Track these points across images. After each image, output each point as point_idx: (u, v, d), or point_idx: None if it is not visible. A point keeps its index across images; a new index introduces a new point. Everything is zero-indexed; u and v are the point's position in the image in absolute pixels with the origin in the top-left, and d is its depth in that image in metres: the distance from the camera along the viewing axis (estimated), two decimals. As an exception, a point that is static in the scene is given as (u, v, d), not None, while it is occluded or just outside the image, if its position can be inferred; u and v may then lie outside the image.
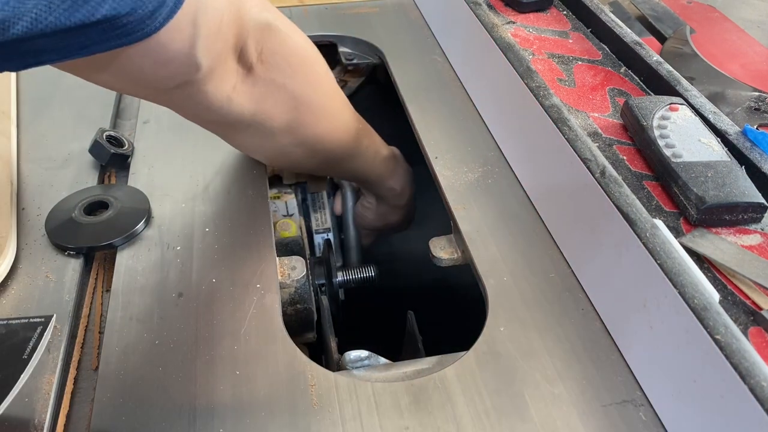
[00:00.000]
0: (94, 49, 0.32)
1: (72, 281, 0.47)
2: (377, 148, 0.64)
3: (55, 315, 0.44)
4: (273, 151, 0.55)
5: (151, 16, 0.32)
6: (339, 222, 0.79)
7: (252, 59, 0.45)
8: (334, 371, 0.42)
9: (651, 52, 0.61)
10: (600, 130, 0.54)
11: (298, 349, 0.43)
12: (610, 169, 0.46)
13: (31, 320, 0.44)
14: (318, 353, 0.54)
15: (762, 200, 0.44)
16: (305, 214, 0.75)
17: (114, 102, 0.67)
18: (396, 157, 0.68)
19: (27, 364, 0.41)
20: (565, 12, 0.74)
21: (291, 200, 0.70)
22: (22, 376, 0.40)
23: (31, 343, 0.42)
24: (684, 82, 0.57)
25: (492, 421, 0.39)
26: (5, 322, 0.43)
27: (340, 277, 0.63)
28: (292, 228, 0.65)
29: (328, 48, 0.82)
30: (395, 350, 0.56)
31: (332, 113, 0.55)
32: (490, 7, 0.73)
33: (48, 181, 0.57)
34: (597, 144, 0.52)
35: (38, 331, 0.43)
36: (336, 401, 0.40)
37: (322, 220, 0.80)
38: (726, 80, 0.67)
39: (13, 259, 0.48)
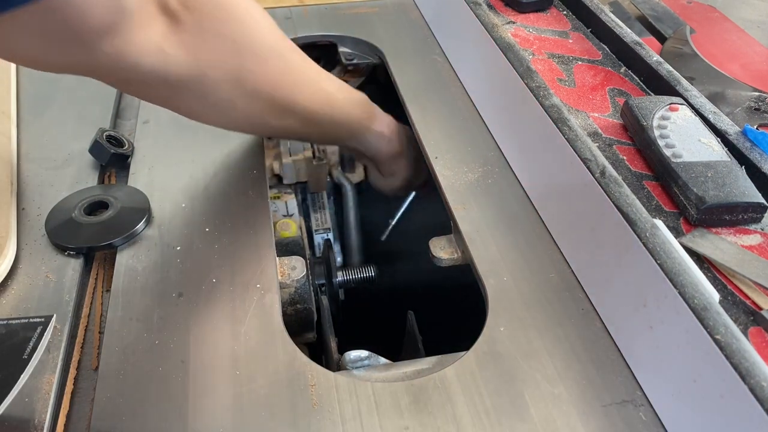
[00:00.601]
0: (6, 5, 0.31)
1: (72, 281, 0.47)
2: (347, 93, 0.59)
3: (55, 315, 0.44)
4: (228, 109, 0.51)
5: None
6: (339, 222, 0.79)
7: (173, 5, 0.43)
8: (334, 371, 0.42)
9: (651, 52, 0.61)
10: (600, 130, 0.54)
11: (298, 349, 0.43)
12: (610, 169, 0.46)
13: (31, 320, 0.44)
14: (318, 353, 0.54)
15: (762, 200, 0.44)
16: (305, 214, 0.76)
17: (114, 102, 0.67)
18: (371, 102, 0.63)
19: (27, 364, 0.41)
20: (565, 12, 0.74)
21: (291, 200, 0.70)
22: (22, 376, 0.40)
23: (31, 343, 0.42)
24: (684, 82, 0.57)
25: (492, 421, 0.39)
26: (5, 322, 0.43)
27: (340, 277, 0.63)
28: (292, 228, 0.65)
29: (328, 48, 0.82)
30: (395, 350, 0.56)
31: (280, 55, 0.52)
32: (490, 7, 0.73)
33: (48, 181, 0.57)
34: (597, 144, 0.52)
35: (38, 331, 0.43)
36: (336, 401, 0.40)
37: (322, 220, 0.80)
38: (726, 80, 0.67)
39: (13, 259, 0.48)
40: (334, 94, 0.57)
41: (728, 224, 0.45)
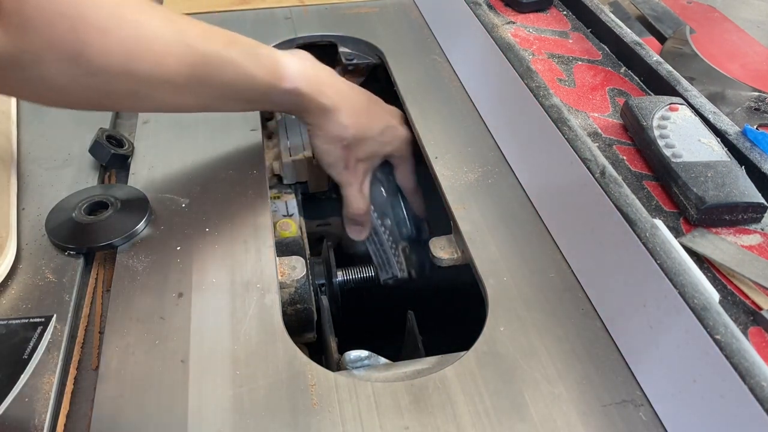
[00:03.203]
0: None
1: (72, 281, 0.47)
2: (234, 48, 0.49)
3: (55, 315, 0.44)
4: (77, 90, 0.44)
5: None
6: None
7: None
8: (334, 371, 0.42)
9: (651, 52, 0.61)
10: (600, 130, 0.54)
11: (298, 349, 0.43)
12: (610, 169, 0.46)
13: (31, 320, 0.44)
14: (318, 353, 0.54)
15: (762, 200, 0.44)
16: (305, 214, 0.75)
17: (114, 102, 0.67)
18: (275, 52, 0.53)
19: (27, 364, 0.41)
20: (565, 12, 0.74)
21: (291, 200, 0.70)
22: (22, 376, 0.40)
23: (31, 343, 0.42)
24: (684, 82, 0.57)
25: (492, 421, 0.39)
26: (5, 322, 0.43)
27: (340, 277, 0.63)
28: (292, 228, 0.65)
29: (328, 48, 0.82)
30: (395, 350, 0.56)
31: (124, 21, 0.44)
32: (490, 7, 0.73)
33: (48, 181, 0.57)
34: (597, 144, 0.52)
35: (38, 331, 0.43)
36: (336, 401, 0.40)
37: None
38: (726, 80, 0.67)
39: (13, 259, 0.48)
40: (211, 55, 0.48)
41: (728, 224, 0.45)
